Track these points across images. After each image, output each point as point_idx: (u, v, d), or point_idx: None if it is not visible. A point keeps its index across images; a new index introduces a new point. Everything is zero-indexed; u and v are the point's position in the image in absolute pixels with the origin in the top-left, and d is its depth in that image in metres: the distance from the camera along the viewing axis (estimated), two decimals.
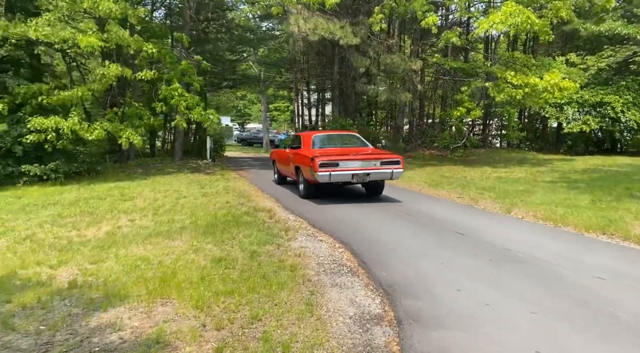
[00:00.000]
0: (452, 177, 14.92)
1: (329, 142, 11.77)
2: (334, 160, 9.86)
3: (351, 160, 10.02)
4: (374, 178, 10.27)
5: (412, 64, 16.38)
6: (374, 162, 10.11)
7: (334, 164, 9.77)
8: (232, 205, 9.81)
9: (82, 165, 15.28)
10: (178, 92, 15.13)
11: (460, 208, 9.59)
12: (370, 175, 10.03)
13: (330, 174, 9.66)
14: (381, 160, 10.21)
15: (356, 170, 9.89)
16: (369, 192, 11.41)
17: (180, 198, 10.84)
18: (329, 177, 9.68)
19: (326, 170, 9.65)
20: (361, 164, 10.02)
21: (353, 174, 9.87)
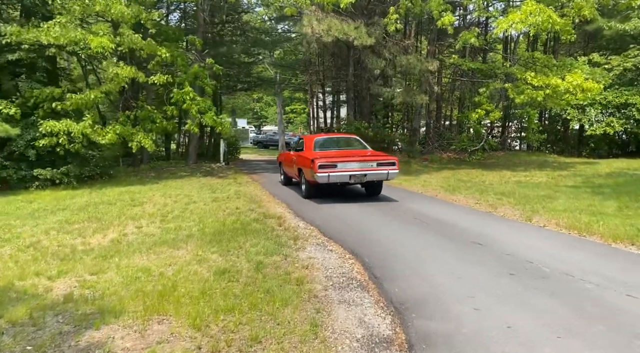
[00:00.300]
0: (469, 182, 14.48)
1: (329, 145, 12.20)
2: (332, 161, 10.31)
3: (349, 162, 10.46)
4: (371, 179, 10.71)
5: (429, 65, 15.95)
6: (371, 164, 10.59)
7: (333, 166, 10.25)
8: (241, 211, 9.57)
9: (94, 169, 15.24)
10: (190, 95, 14.98)
11: (478, 216, 9.18)
12: (367, 176, 10.49)
13: (329, 174, 10.14)
14: (377, 161, 10.67)
15: (353, 171, 10.36)
16: (368, 192, 11.79)
17: (190, 204, 10.64)
18: (327, 177, 10.15)
19: (325, 171, 10.12)
20: (358, 165, 10.47)
21: (351, 175, 10.34)
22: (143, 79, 14.26)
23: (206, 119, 15.20)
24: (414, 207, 10.06)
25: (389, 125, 25.97)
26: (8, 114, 12.63)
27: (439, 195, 11.94)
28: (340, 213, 9.43)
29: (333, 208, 9.93)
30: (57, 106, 13.27)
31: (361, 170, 10.41)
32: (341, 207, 10.07)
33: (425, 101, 17.40)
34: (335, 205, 10.30)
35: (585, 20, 18.32)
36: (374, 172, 10.55)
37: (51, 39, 12.59)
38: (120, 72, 13.52)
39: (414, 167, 19.00)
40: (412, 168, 18.72)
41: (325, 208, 9.95)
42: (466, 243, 6.84)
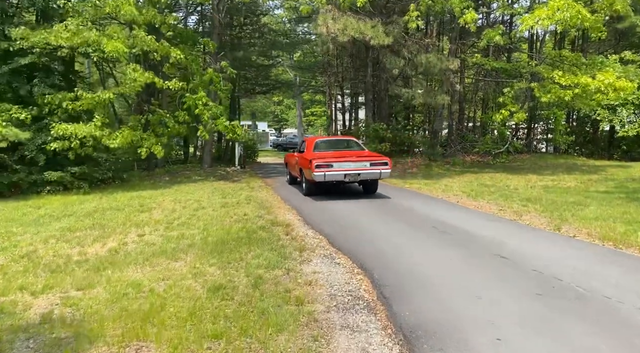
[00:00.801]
0: (493, 186, 13.76)
1: (328, 147, 13.00)
2: (328, 162, 11.12)
3: (344, 162, 11.21)
4: (365, 178, 11.46)
5: (450, 64, 15.26)
6: (364, 164, 11.31)
7: (329, 165, 11.04)
8: (249, 218, 9.12)
9: (106, 172, 15.03)
10: (202, 101, 14.65)
11: (502, 224, 8.52)
12: (361, 175, 11.26)
13: (325, 173, 10.97)
14: (371, 161, 11.38)
15: (348, 171, 11.10)
16: (365, 189, 12.51)
17: (199, 210, 10.25)
18: (323, 176, 10.99)
19: (321, 171, 10.95)
20: (353, 165, 11.22)
21: (345, 174, 11.10)
22: (160, 84, 13.98)
23: (217, 124, 14.87)
24: (433, 213, 9.45)
25: (409, 127, 25.26)
26: (18, 119, 12.49)
27: (460, 201, 11.29)
28: (354, 220, 8.90)
29: (348, 216, 9.41)
30: (69, 106, 13.07)
31: (355, 169, 11.17)
32: (357, 214, 9.54)
33: (447, 102, 16.69)
34: (351, 212, 9.78)
35: (617, 16, 17.42)
36: (367, 172, 11.28)
37: (61, 40, 12.41)
38: (138, 77, 13.26)
39: (435, 170, 18.33)
40: (433, 171, 18.05)
41: (340, 215, 9.43)
42: (488, 257, 6.22)
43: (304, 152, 12.74)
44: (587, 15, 14.24)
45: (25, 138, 12.38)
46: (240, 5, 27.67)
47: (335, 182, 11.34)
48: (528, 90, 19.54)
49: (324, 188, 12.14)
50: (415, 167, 18.96)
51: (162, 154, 14.36)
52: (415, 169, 18.65)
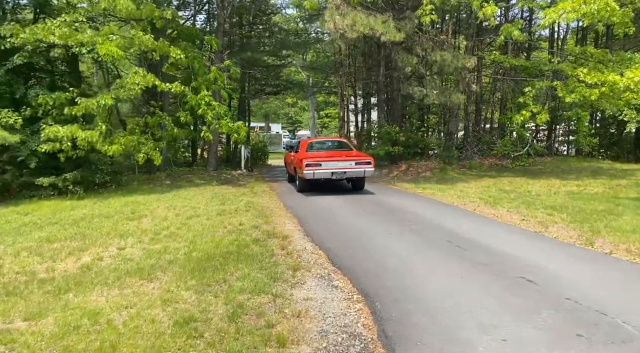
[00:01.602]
0: (513, 192, 12.74)
1: (319, 148, 14.41)
2: (317, 161, 12.30)
3: (331, 161, 12.34)
4: (350, 176, 12.71)
5: (466, 61, 14.29)
6: (350, 163, 12.43)
7: (318, 164, 12.20)
8: (244, 228, 8.30)
9: (103, 176, 14.37)
10: (205, 100, 13.90)
11: (526, 237, 7.57)
12: (346, 173, 12.46)
13: (314, 172, 12.12)
14: (356, 161, 12.52)
15: (335, 169, 12.23)
16: (353, 186, 13.72)
17: (192, 218, 9.47)
18: (313, 174, 12.14)
19: (311, 169, 12.11)
20: (339, 164, 12.33)
21: (332, 172, 12.23)
22: (162, 87, 13.27)
23: (221, 125, 14.10)
24: (447, 224, 8.52)
25: (423, 128, 24.25)
26: (7, 123, 11.86)
27: (477, 209, 10.33)
28: (360, 232, 8.02)
29: (355, 226, 8.55)
30: (66, 110, 12.43)
31: (342, 168, 12.29)
32: (365, 224, 8.66)
33: (462, 101, 15.69)
34: (359, 222, 8.91)
35: None
36: (353, 170, 12.42)
37: (54, 38, 11.76)
38: (140, 81, 12.56)
39: (450, 174, 17.34)
40: (448, 175, 17.06)
41: (345, 226, 8.57)
42: (512, 280, 5.30)
43: (298, 152, 14.03)
44: (616, 8, 13.17)
45: (14, 141, 11.74)
46: (249, 4, 27.03)
47: (324, 179, 12.48)
48: (550, 89, 18.48)
49: (314, 185, 13.27)
50: (429, 171, 18.00)
51: (159, 160, 13.62)
52: (429, 173, 17.69)
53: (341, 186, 14.35)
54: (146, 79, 12.36)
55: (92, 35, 12.01)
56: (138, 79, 12.25)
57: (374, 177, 18.05)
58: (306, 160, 12.24)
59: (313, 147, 14.31)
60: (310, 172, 12.11)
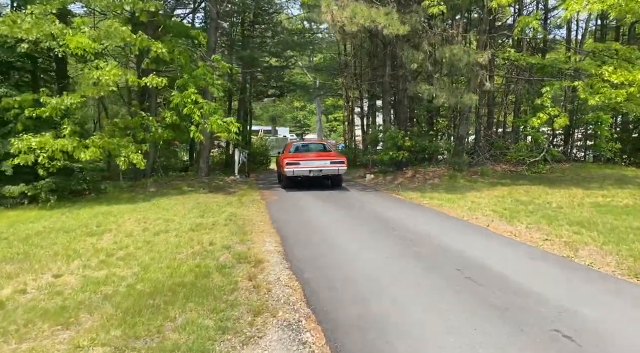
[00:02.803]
0: (531, 203, 11.33)
1: (301, 149, 16.51)
2: (296, 160, 14.19)
3: (309, 161, 14.26)
4: (326, 173, 14.34)
5: (479, 57, 12.88)
6: (325, 162, 14.22)
7: (297, 163, 14.08)
8: (214, 248, 7.00)
9: (80, 183, 13.19)
10: (191, 98, 12.66)
11: (554, 265, 6.18)
12: (322, 171, 14.13)
13: (294, 170, 13.95)
14: (331, 160, 14.28)
15: (312, 168, 14.01)
16: (332, 183, 15.44)
17: (160, 234, 8.20)
18: (292, 172, 13.97)
19: (291, 167, 13.96)
20: (316, 163, 14.18)
21: (310, 170, 13.99)
22: (133, 81, 12.08)
23: (211, 123, 12.82)
24: (457, 246, 7.15)
25: (432, 132, 22.84)
26: None
27: (491, 225, 8.93)
28: (352, 255, 6.67)
29: (344, 246, 7.20)
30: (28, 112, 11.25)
31: (318, 167, 14.08)
32: (357, 243, 7.31)
33: (475, 101, 14.25)
34: (350, 239, 7.57)
35: None
36: (328, 168, 14.17)
37: (21, 32, 10.61)
38: (104, 75, 11.33)
39: (460, 181, 15.90)
40: (458, 183, 15.63)
41: (333, 243, 7.23)
42: (544, 335, 3.93)
43: (283, 153, 16.18)
44: None
45: None
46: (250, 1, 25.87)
47: (302, 176, 14.30)
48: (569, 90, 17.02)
49: (296, 182, 15.04)
50: (437, 178, 16.59)
51: (142, 164, 12.38)
52: (437, 180, 16.28)
53: (339, 198, 13.06)
54: (112, 73, 11.11)
55: (62, 28, 10.83)
56: (99, 73, 10.99)
57: (377, 184, 16.72)
58: (287, 160, 14.29)
59: (296, 148, 16.56)
60: (290, 170, 14.01)
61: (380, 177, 17.97)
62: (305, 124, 75.55)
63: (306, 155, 15.18)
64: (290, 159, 14.34)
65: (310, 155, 15.01)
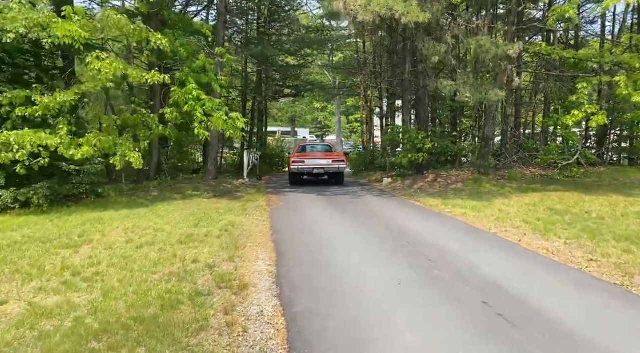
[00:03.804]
0: (567, 213, 10.03)
1: (308, 150, 18.26)
2: (301, 159, 16.01)
3: (312, 160, 15.99)
4: (327, 171, 15.95)
5: (508, 49, 11.59)
6: (327, 161, 15.86)
7: (301, 161, 15.82)
8: (196, 268, 5.99)
9: (77, 187, 12.38)
10: (193, 94, 11.73)
11: (603, 295, 4.97)
12: (324, 169, 15.75)
13: (298, 167, 15.75)
14: (332, 159, 15.97)
15: (315, 166, 15.72)
16: (332, 180, 17.12)
17: (143, 247, 7.24)
18: (297, 168, 15.77)
19: (296, 165, 15.79)
20: (319, 162, 15.86)
21: (313, 167, 15.72)
22: (135, 77, 11.21)
23: (214, 121, 11.85)
24: (484, 268, 5.97)
25: (455, 133, 21.48)
26: None
27: (523, 240, 7.71)
28: (358, 283, 5.56)
29: (351, 267, 6.10)
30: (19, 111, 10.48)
31: (320, 165, 15.75)
32: (366, 265, 6.21)
33: (502, 98, 12.89)
34: (359, 259, 6.46)
35: None
36: (329, 166, 15.81)
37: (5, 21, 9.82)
38: (102, 68, 10.49)
39: (485, 186, 14.59)
40: (483, 188, 14.34)
41: (340, 266, 6.13)
42: None
43: (292, 153, 18.45)
44: None
45: None
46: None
47: (307, 173, 16.16)
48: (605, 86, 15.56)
49: (302, 179, 17.14)
50: (460, 182, 15.31)
51: (140, 163, 11.47)
52: (460, 185, 15.01)
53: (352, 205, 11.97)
54: (113, 66, 10.25)
55: (51, 16, 10.01)
56: (100, 65, 10.13)
57: (394, 189, 15.55)
58: (293, 158, 16.37)
59: (303, 149, 18.57)
60: (295, 167, 15.89)
61: (399, 181, 16.78)
62: (326, 125, 74.53)
63: (311, 154, 17.06)
64: (297, 157, 16.38)
65: (315, 155, 16.89)
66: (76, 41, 10.12)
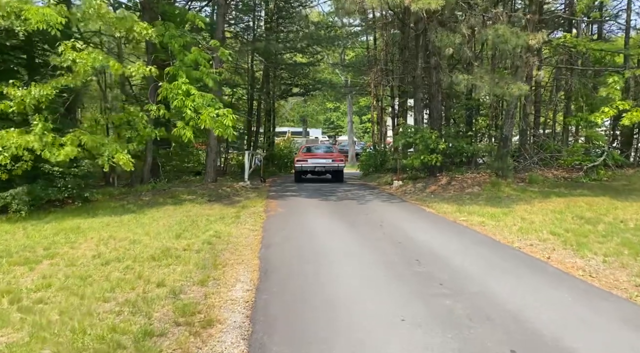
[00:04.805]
0: (599, 221, 8.85)
1: (311, 150, 20.54)
2: (304, 158, 18.64)
3: (314, 159, 18.65)
4: (328, 169, 18.43)
5: (531, 38, 10.40)
6: (328, 160, 18.42)
7: (305, 160, 18.43)
8: (160, 294, 4.99)
9: (61, 191, 11.49)
10: (182, 89, 10.76)
11: None
12: (325, 167, 18.31)
13: (302, 165, 18.28)
14: (332, 159, 18.53)
15: (316, 164, 18.27)
16: (333, 178, 18.95)
17: (110, 263, 6.28)
18: (301, 167, 18.32)
19: (299, 163, 18.31)
20: (320, 161, 18.49)
21: (315, 165, 18.25)
22: (117, 69, 10.29)
23: (203, 118, 10.81)
24: (510, 300, 4.86)
25: (470, 133, 20.24)
26: None
27: (552, 257, 6.58)
28: (352, 319, 4.51)
29: (346, 296, 5.05)
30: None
31: (321, 164, 18.25)
32: (364, 298, 5.15)
33: (524, 92, 11.64)
34: (355, 287, 5.40)
35: None
36: (329, 165, 18.18)
37: None
38: (79, 58, 9.57)
39: (504, 190, 13.37)
40: (502, 192, 13.13)
41: (333, 294, 5.08)
42: None
43: (297, 154, 20.50)
44: None
45: None
46: None
47: (310, 170, 18.39)
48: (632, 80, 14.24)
49: (305, 176, 19.03)
50: (476, 186, 14.12)
51: (130, 165, 10.52)
52: (476, 188, 13.82)
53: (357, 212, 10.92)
54: (91, 57, 9.32)
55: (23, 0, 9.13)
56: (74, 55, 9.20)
57: (405, 193, 14.43)
58: (298, 158, 18.84)
59: (307, 149, 20.83)
60: (299, 166, 18.28)
61: (410, 184, 15.63)
62: (339, 125, 73.51)
63: (314, 154, 19.47)
64: (301, 157, 18.85)
65: (317, 155, 19.41)
66: (52, 27, 9.21)
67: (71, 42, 9.50)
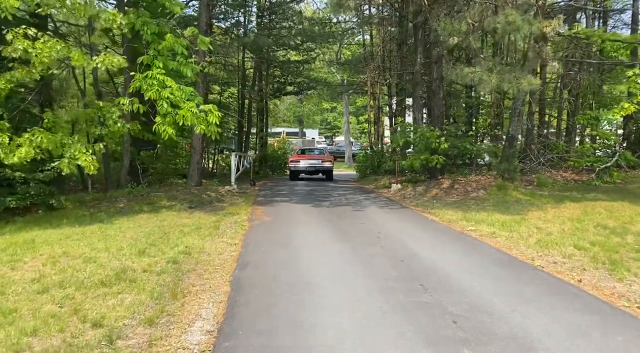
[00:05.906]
0: (626, 232, 7.77)
1: (305, 152, 23.30)
2: (297, 159, 21.17)
3: (306, 160, 20.98)
4: (318, 169, 20.74)
5: (543, 26, 9.29)
6: (318, 161, 20.81)
7: (297, 161, 20.86)
8: (91, 339, 3.87)
9: (22, 199, 10.36)
10: (158, 79, 9.61)
11: None
12: (316, 167, 20.62)
13: (295, 166, 20.73)
14: (322, 160, 20.95)
15: (308, 165, 20.55)
16: (324, 176, 21.16)
17: (50, 290, 5.17)
18: (294, 166, 20.73)
19: (293, 164, 20.95)
20: (311, 161, 20.79)
21: (307, 166, 20.52)
22: (78, 60, 9.15)
23: (182, 114, 9.66)
24: (540, 344, 3.75)
25: (471, 133, 19.14)
26: None
27: (584, 280, 5.47)
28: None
29: (332, 338, 3.92)
30: None
31: (312, 164, 20.57)
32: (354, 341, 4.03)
33: (536, 86, 10.52)
34: (342, 326, 4.28)
35: None
36: (320, 165, 20.56)
37: None
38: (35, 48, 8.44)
39: (512, 194, 12.23)
40: (510, 197, 12.00)
41: (314, 333, 3.96)
42: None
43: (291, 155, 23.89)
44: None
45: None
46: None
47: (302, 170, 20.52)
48: None
49: (297, 175, 20.68)
50: (482, 189, 12.99)
51: (92, 168, 9.34)
52: (482, 192, 12.70)
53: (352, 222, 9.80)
54: (48, 46, 8.20)
55: None
56: (25, 44, 8.06)
57: (404, 198, 13.32)
58: (291, 158, 21.59)
59: (301, 151, 23.52)
60: (292, 166, 20.61)
61: (409, 187, 14.52)
62: (336, 125, 72.44)
63: (306, 156, 21.57)
64: (294, 158, 21.32)
65: (309, 156, 21.50)
66: (3, 10, 8.08)
67: (22, 29, 8.35)
